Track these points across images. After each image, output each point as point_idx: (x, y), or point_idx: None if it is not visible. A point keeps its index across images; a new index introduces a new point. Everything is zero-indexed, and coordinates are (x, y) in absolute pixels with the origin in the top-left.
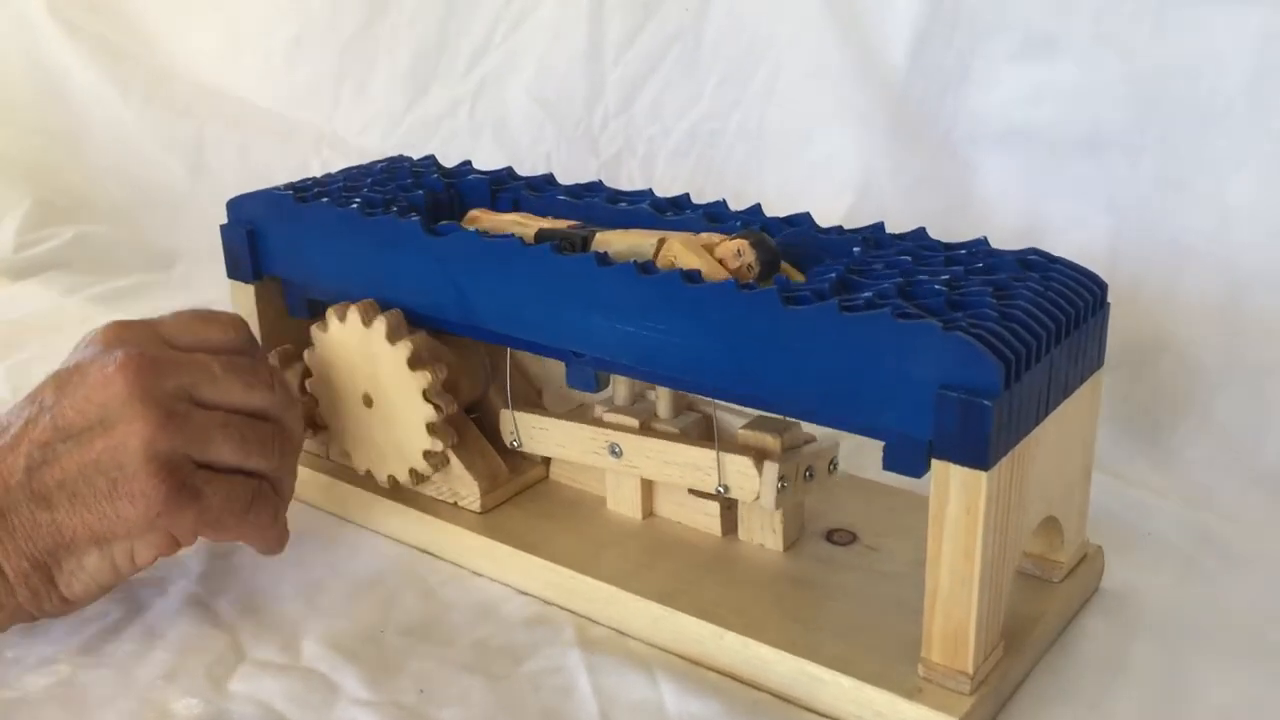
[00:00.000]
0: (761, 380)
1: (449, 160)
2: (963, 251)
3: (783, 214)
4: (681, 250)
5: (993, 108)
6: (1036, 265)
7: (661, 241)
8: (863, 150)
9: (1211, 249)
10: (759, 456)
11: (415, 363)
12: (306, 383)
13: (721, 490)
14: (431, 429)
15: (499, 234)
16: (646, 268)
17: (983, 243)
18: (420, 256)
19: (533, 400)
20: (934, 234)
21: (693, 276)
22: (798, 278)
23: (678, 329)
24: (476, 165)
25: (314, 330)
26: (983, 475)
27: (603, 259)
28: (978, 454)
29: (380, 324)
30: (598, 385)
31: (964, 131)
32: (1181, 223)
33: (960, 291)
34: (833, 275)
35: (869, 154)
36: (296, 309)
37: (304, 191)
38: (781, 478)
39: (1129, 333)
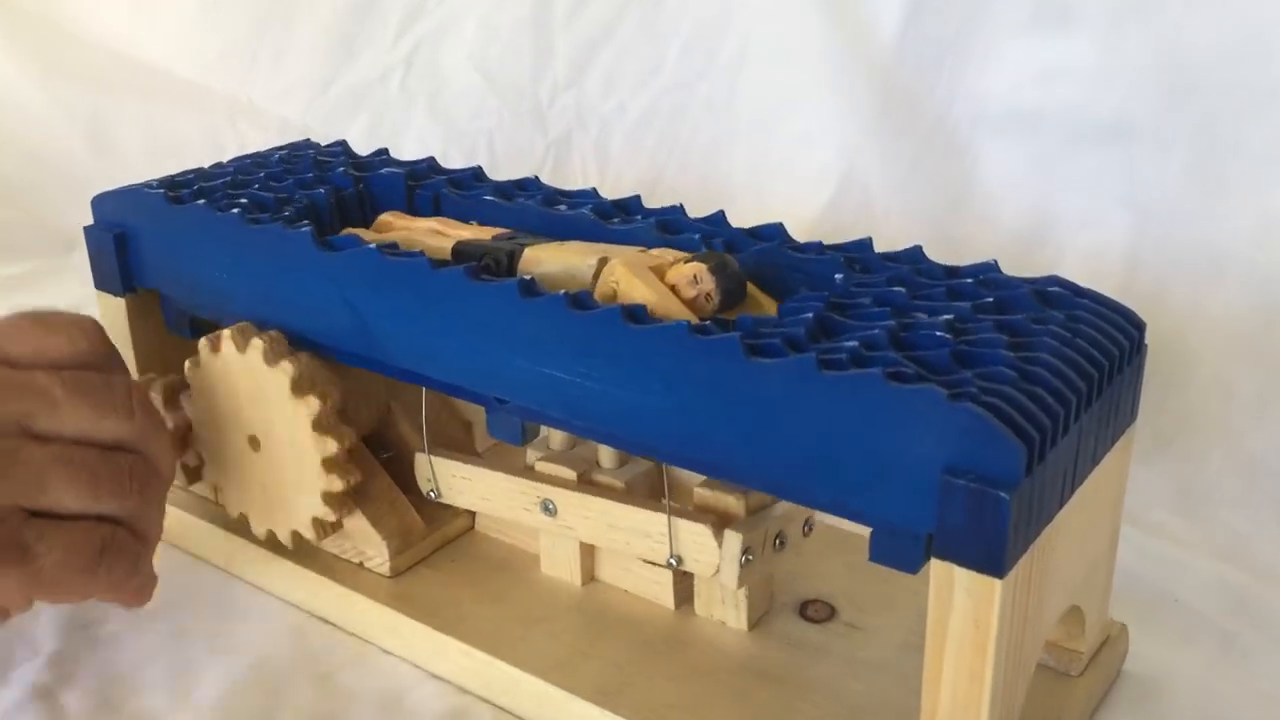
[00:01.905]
0: (717, 445)
1: (379, 138)
2: (969, 281)
3: (752, 208)
4: (625, 275)
5: (997, 87)
6: (1059, 300)
7: (603, 261)
8: (846, 132)
9: (1250, 256)
10: (719, 523)
11: (299, 387)
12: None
13: (673, 563)
14: (329, 464)
15: (406, 251)
16: (579, 300)
17: (992, 267)
18: (311, 275)
19: (458, 438)
20: (928, 232)
21: (636, 314)
22: (767, 306)
23: (616, 378)
24: (410, 143)
25: (188, 363)
26: (996, 583)
27: (527, 288)
28: (991, 557)
29: (257, 347)
30: (524, 436)
31: (963, 114)
32: (1215, 225)
33: (968, 339)
34: (809, 315)
35: (853, 137)
36: (176, 326)
37: (181, 189)
38: (745, 550)
39: (1151, 353)
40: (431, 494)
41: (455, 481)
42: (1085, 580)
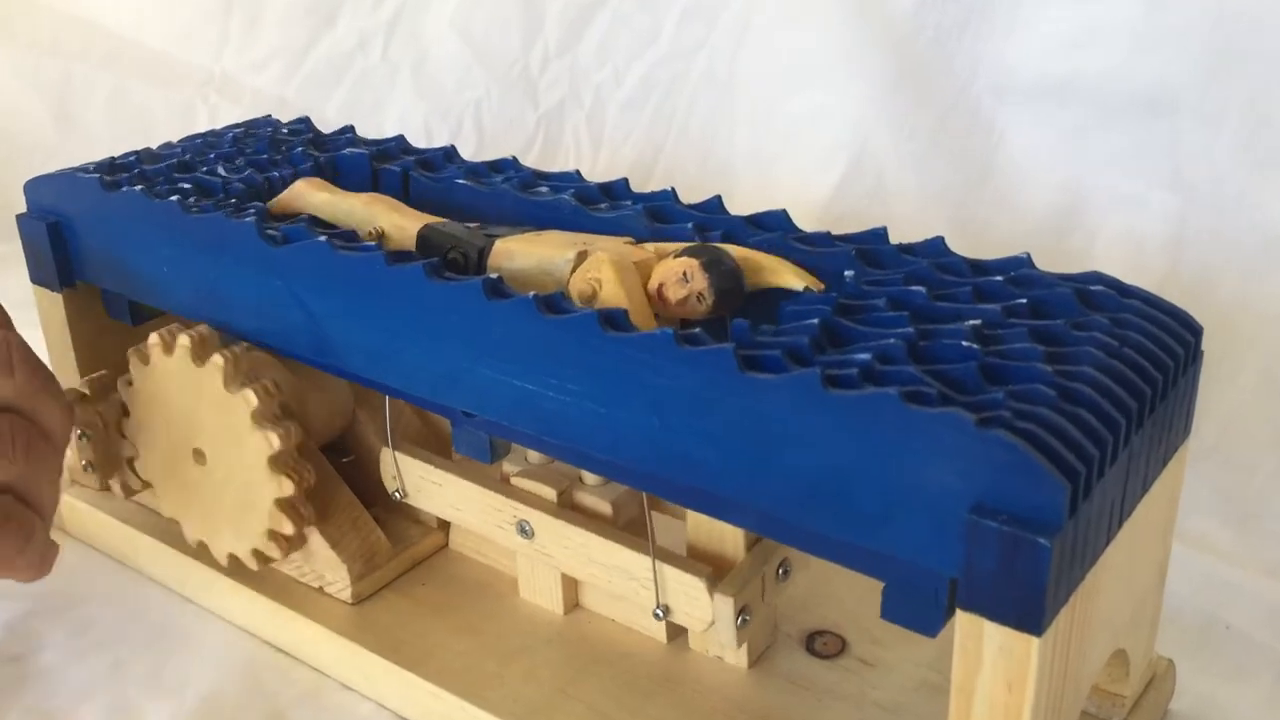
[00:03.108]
0: (706, 472)
1: (359, 112)
2: (998, 279)
3: (754, 189)
4: (607, 271)
5: (1024, 55)
6: (1103, 301)
7: (582, 255)
8: (858, 106)
9: None
10: (714, 573)
11: (232, 379)
12: (125, 429)
13: (660, 615)
14: (276, 464)
15: (360, 244)
16: (551, 303)
17: (1024, 262)
18: (258, 270)
19: (430, 436)
20: (947, 216)
21: (615, 319)
22: (799, 280)
23: (592, 392)
24: (392, 117)
25: (120, 382)
26: (1033, 641)
27: (493, 287)
28: (1028, 612)
29: (184, 346)
30: (494, 454)
31: (987, 84)
32: (1267, 207)
33: (998, 349)
34: (814, 321)
35: (866, 111)
36: (116, 313)
37: (120, 172)
38: (742, 611)
39: None
40: (397, 494)
41: (424, 484)
42: (1131, 620)
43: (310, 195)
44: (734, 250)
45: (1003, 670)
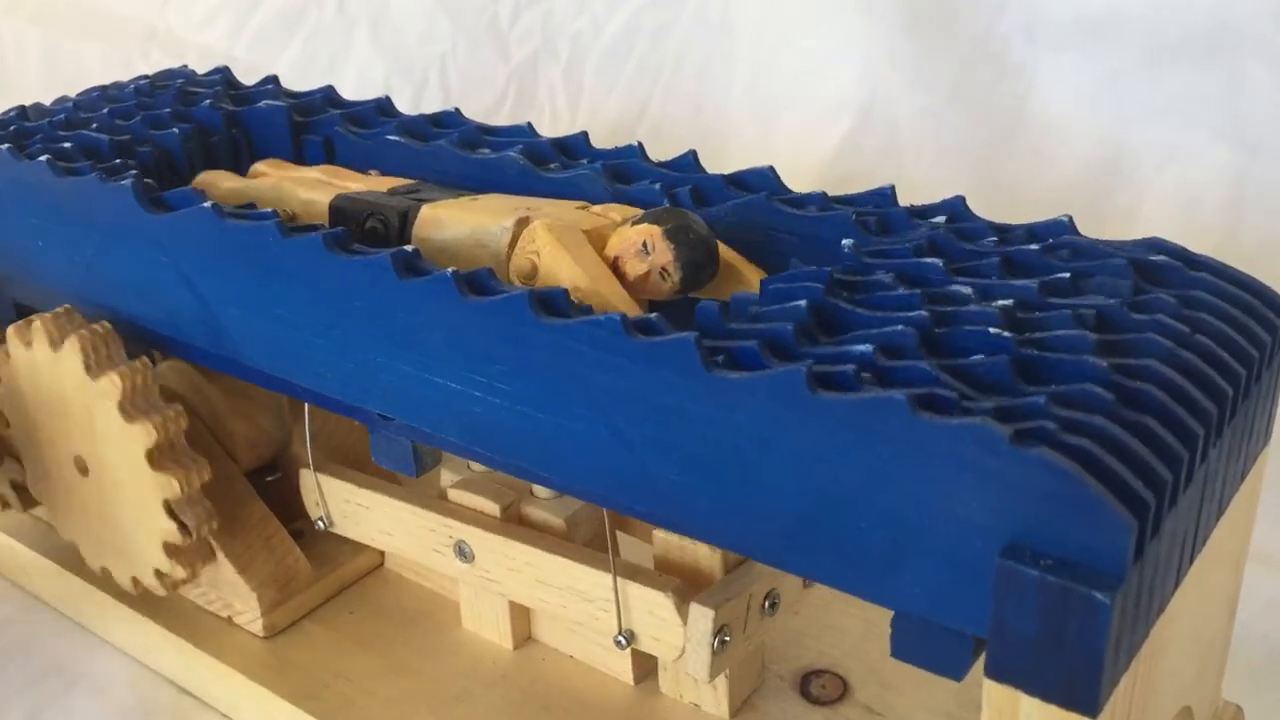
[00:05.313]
0: (668, 492)
1: (315, 70)
2: (1034, 247)
3: (751, 147)
4: (549, 243)
5: None
6: (1166, 275)
7: (522, 223)
8: (868, 52)
9: None
10: (684, 589)
11: (131, 407)
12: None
13: (623, 642)
14: (172, 508)
15: (253, 211)
16: (475, 282)
17: (1065, 226)
18: (140, 243)
19: (363, 451)
20: (969, 176)
21: (550, 301)
22: (749, 281)
23: (527, 393)
24: (350, 74)
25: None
26: None
27: (406, 262)
28: (1079, 687)
29: (75, 348)
30: (420, 465)
31: (1015, 24)
32: None
33: (1036, 338)
34: (802, 304)
35: (876, 57)
36: None
37: None
38: (720, 630)
39: None
40: (321, 523)
41: (349, 508)
42: (1198, 672)
43: (219, 185)
44: None
45: None
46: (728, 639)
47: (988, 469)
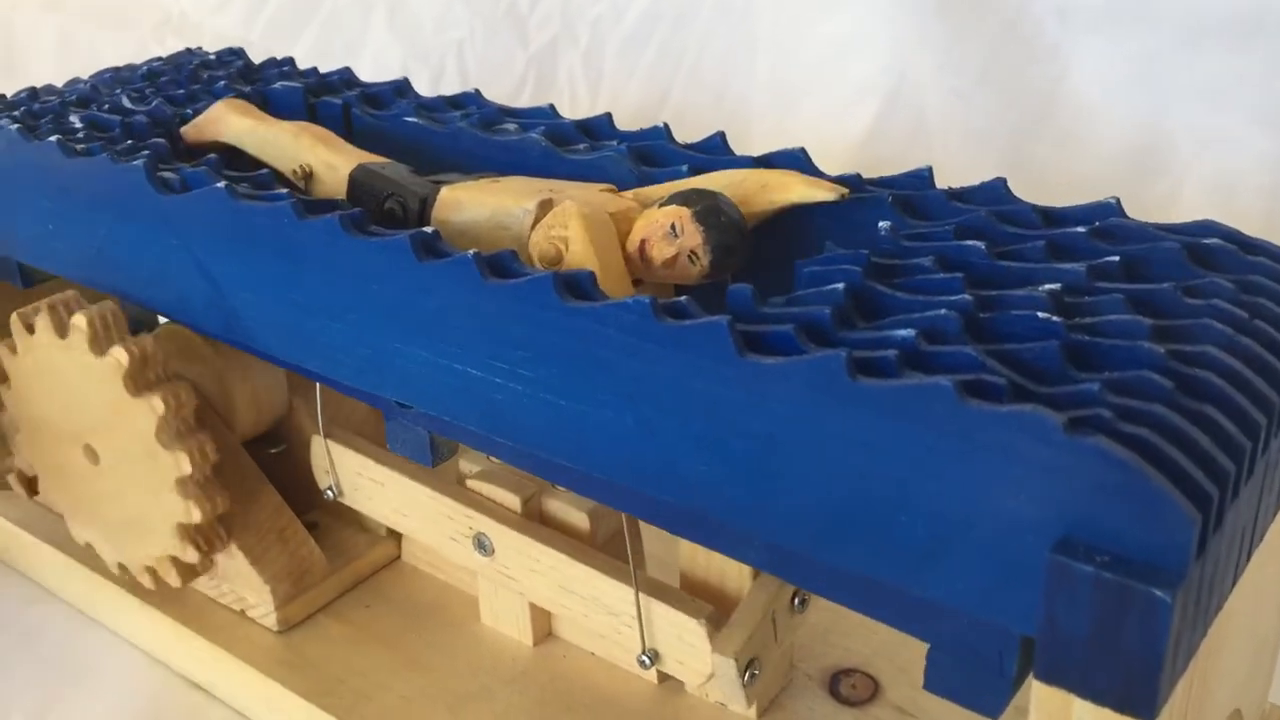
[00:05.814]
0: (697, 489)
1: (330, 56)
2: (1080, 230)
3: (774, 133)
4: (576, 227)
5: None
6: (1221, 259)
7: (545, 206)
8: (896, 35)
9: None
10: (717, 616)
11: (136, 382)
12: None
13: (646, 661)
14: (186, 487)
15: (267, 192)
16: (497, 264)
17: (1113, 209)
18: (151, 224)
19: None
20: (1000, 162)
21: (577, 285)
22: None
23: (550, 381)
24: (367, 60)
25: (15, 327)
26: None
27: (426, 244)
28: (1136, 689)
29: (80, 328)
30: (436, 455)
31: (1048, 4)
32: None
33: (1087, 323)
34: (839, 287)
35: (905, 40)
36: (3, 272)
37: (10, 110)
38: (749, 665)
39: None
40: (330, 492)
41: (361, 482)
42: (1250, 673)
43: (230, 120)
44: (726, 176)
45: None
46: (757, 672)
47: (1039, 459)
